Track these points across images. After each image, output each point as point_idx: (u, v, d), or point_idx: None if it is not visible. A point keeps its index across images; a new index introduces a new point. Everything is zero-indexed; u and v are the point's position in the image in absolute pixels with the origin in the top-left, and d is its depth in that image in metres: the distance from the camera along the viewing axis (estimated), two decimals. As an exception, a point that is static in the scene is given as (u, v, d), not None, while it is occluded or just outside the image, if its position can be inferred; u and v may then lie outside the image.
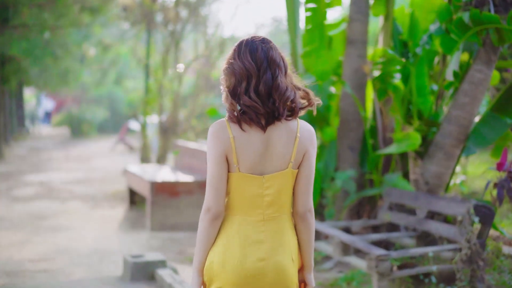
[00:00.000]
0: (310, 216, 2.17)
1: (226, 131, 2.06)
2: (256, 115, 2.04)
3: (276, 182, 2.10)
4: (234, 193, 2.10)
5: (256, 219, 2.10)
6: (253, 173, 2.09)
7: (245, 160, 2.07)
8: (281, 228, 2.12)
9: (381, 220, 5.07)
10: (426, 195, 4.73)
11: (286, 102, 2.07)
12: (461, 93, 5.00)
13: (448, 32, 5.03)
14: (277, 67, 2.07)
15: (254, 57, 2.06)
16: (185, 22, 11.11)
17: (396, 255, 4.05)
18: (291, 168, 2.11)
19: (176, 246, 6.35)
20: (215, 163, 2.07)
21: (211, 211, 2.06)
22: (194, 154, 7.97)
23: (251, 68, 2.04)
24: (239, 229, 2.09)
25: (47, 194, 9.68)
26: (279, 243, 2.10)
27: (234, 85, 2.07)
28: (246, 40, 2.11)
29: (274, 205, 2.11)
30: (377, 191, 5.28)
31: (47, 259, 5.75)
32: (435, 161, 5.10)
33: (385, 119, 5.58)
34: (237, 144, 2.06)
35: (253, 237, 2.09)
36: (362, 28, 5.51)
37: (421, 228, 4.62)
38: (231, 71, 2.08)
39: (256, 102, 2.03)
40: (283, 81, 2.07)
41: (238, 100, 2.06)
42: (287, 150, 2.09)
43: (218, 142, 2.06)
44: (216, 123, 2.10)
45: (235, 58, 2.09)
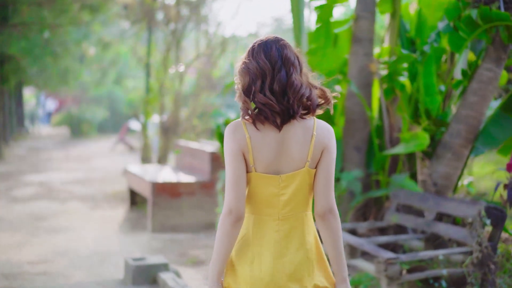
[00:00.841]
0: (332, 217, 2.11)
1: (242, 131, 2.06)
2: (271, 113, 2.02)
3: (293, 182, 2.08)
4: (251, 193, 2.10)
5: (271, 218, 2.10)
6: (269, 172, 2.08)
7: (261, 160, 2.06)
8: (297, 226, 2.10)
9: (388, 222, 4.96)
10: (435, 197, 4.62)
11: (301, 100, 2.05)
12: (470, 92, 4.89)
13: (457, 29, 4.91)
14: (291, 65, 2.06)
15: (268, 56, 2.05)
16: (186, 21, 11.00)
17: (405, 258, 3.93)
18: (307, 167, 2.08)
19: (178, 247, 6.23)
20: (233, 164, 2.05)
21: (233, 213, 2.04)
22: (196, 154, 7.85)
23: (266, 67, 2.04)
24: (254, 228, 2.10)
25: (46, 195, 9.57)
26: (294, 242, 2.09)
27: (249, 84, 2.05)
28: (260, 40, 2.11)
29: (290, 204, 2.10)
30: (384, 192, 5.16)
31: (47, 261, 5.64)
32: (444, 161, 4.98)
33: (391, 119, 5.46)
34: (253, 143, 2.05)
35: (268, 236, 2.08)
36: (368, 26, 5.39)
37: (430, 230, 4.50)
38: (245, 71, 2.06)
39: (271, 100, 2.01)
40: (297, 78, 2.06)
41: (252, 98, 2.04)
42: (304, 149, 2.07)
43: (235, 142, 2.05)
44: (232, 124, 2.09)
45: (250, 58, 2.08)
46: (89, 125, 24.35)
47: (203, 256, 5.86)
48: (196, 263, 5.61)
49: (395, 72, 5.14)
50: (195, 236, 6.83)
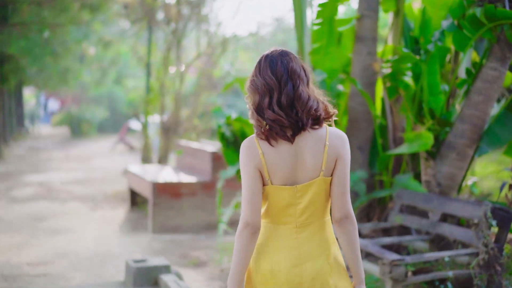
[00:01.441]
0: (349, 222, 2.16)
1: (255, 148, 2.11)
2: (280, 128, 2.07)
3: (309, 191, 2.14)
4: (269, 204, 2.16)
5: (289, 227, 2.15)
6: (285, 184, 2.13)
7: (276, 173, 2.12)
8: (314, 233, 2.16)
9: (392, 222, 4.90)
10: (440, 197, 4.56)
11: (309, 112, 2.10)
12: (475, 91, 4.83)
13: (461, 28, 4.86)
14: (298, 78, 2.11)
15: (274, 71, 2.10)
16: (187, 20, 10.93)
17: (410, 260, 3.87)
18: (322, 176, 2.14)
19: (179, 249, 6.18)
20: (249, 179, 2.12)
21: (250, 226, 2.10)
22: (197, 154, 7.79)
23: (272, 83, 2.09)
24: (272, 237, 2.16)
25: (46, 195, 9.51)
26: (312, 249, 2.14)
27: (258, 101, 2.11)
28: (265, 55, 2.16)
29: (307, 212, 2.15)
30: (388, 193, 5.10)
31: (46, 262, 5.58)
32: (448, 161, 4.93)
33: (395, 118, 5.40)
34: (266, 158, 2.11)
35: (286, 244, 2.14)
36: (372, 24, 5.33)
37: (435, 232, 4.44)
38: (254, 88, 2.12)
39: (280, 115, 2.06)
40: (304, 90, 2.11)
41: (263, 115, 2.09)
42: (317, 159, 2.12)
43: (249, 158, 2.12)
44: (246, 140, 2.15)
45: (257, 75, 2.13)
46: (89, 125, 24.29)
47: (204, 257, 5.80)
48: (197, 265, 5.56)
49: (398, 72, 5.08)
50: (196, 236, 6.77)
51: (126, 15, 12.09)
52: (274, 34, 24.93)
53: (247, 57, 19.35)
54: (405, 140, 5.07)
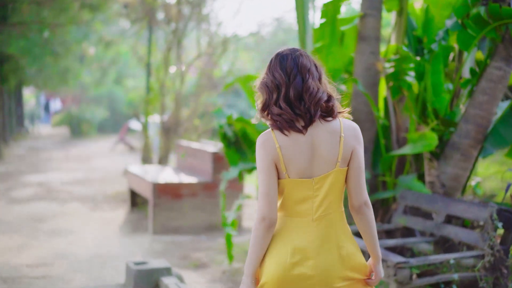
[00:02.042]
0: (366, 209, 2.22)
1: (272, 141, 2.13)
2: (287, 122, 2.10)
3: (326, 183, 2.17)
4: (285, 197, 2.18)
5: (306, 220, 2.18)
6: (302, 177, 2.15)
7: (293, 166, 2.14)
8: (330, 225, 2.19)
9: (396, 224, 4.84)
10: (444, 198, 4.50)
11: (318, 103, 2.12)
12: (479, 91, 4.78)
13: (465, 27, 4.80)
14: (307, 72, 2.14)
15: (284, 67, 2.14)
16: (187, 20, 10.87)
17: (415, 263, 3.81)
18: (339, 167, 2.17)
19: (180, 250, 6.12)
20: (265, 173, 2.13)
21: (266, 219, 2.13)
22: (197, 154, 7.73)
23: (280, 78, 2.13)
24: (288, 230, 2.17)
25: (46, 195, 9.45)
26: (327, 241, 2.17)
27: (266, 98, 2.14)
28: (277, 53, 2.20)
29: (324, 204, 2.18)
30: (391, 194, 5.04)
31: (46, 264, 5.52)
32: (452, 162, 4.87)
33: (398, 119, 5.34)
34: (283, 152, 2.12)
35: (302, 237, 2.16)
36: (375, 23, 5.26)
37: (439, 233, 4.38)
38: (263, 86, 2.16)
39: (284, 110, 2.10)
40: (313, 84, 2.13)
41: (269, 111, 2.13)
42: (333, 150, 2.15)
43: (266, 152, 2.13)
44: (263, 134, 2.16)
45: (267, 72, 2.17)
46: (89, 125, 24.24)
47: (205, 259, 5.74)
48: (198, 266, 5.50)
49: (401, 71, 5.02)
50: (197, 238, 6.71)
51: (126, 15, 12.03)
52: (275, 34, 24.86)
53: (247, 57, 19.30)
54: (408, 141, 5.01)
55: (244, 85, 5.91)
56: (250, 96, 5.93)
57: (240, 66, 16.72)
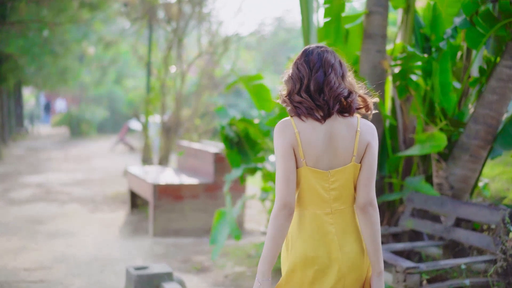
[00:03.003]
0: (372, 210, 2.20)
1: (291, 127, 2.17)
2: (306, 109, 2.16)
3: (341, 176, 2.19)
4: (303, 188, 2.19)
5: (324, 212, 2.19)
6: (319, 168, 2.17)
7: (310, 154, 2.16)
8: (348, 220, 2.21)
9: (403, 227, 4.71)
10: (454, 201, 4.37)
11: (337, 98, 2.17)
12: (489, 91, 4.65)
13: (474, 25, 4.68)
14: (330, 67, 2.19)
15: (307, 60, 2.21)
16: (188, 19, 10.73)
17: (425, 268, 3.68)
18: (354, 162, 2.19)
19: (181, 253, 5.98)
20: (284, 160, 2.14)
21: (288, 206, 2.12)
22: (199, 155, 7.60)
23: (303, 70, 2.20)
24: (310, 223, 2.19)
25: (44, 196, 9.32)
26: (349, 234, 2.19)
27: (290, 88, 2.22)
28: (305, 48, 2.28)
29: (340, 199, 2.20)
30: (398, 196, 4.91)
31: (44, 268, 5.39)
32: (460, 163, 4.74)
33: (405, 119, 5.21)
34: (302, 137, 2.15)
35: (324, 229, 2.17)
36: (381, 21, 5.13)
37: (449, 237, 4.25)
38: (288, 77, 2.24)
39: (305, 99, 2.16)
40: (335, 79, 2.18)
41: (291, 99, 2.20)
42: (349, 144, 2.18)
43: (285, 138, 2.16)
44: (282, 121, 2.20)
45: (292, 66, 2.25)
46: (88, 125, 24.11)
47: (207, 262, 5.61)
48: (200, 270, 5.37)
49: (408, 70, 4.89)
50: (199, 240, 6.58)
51: (126, 14, 11.89)
52: (276, 33, 24.72)
53: (249, 57, 19.16)
54: (416, 141, 4.88)
55: (247, 85, 5.78)
56: (253, 96, 5.80)
57: (241, 65, 16.58)
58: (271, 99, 5.79)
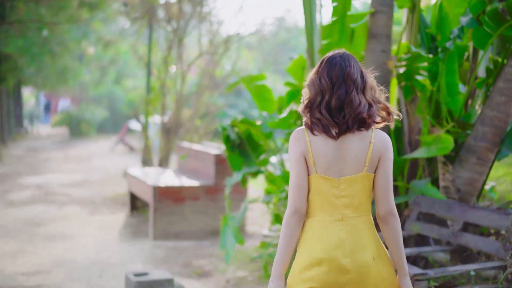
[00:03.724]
0: (393, 219, 2.25)
1: (304, 136, 2.25)
2: (322, 127, 2.21)
3: (352, 185, 2.22)
4: (313, 195, 2.24)
5: (334, 219, 2.22)
6: (329, 175, 2.23)
7: (321, 162, 2.22)
8: (360, 228, 2.22)
9: (409, 231, 4.60)
10: (461, 205, 4.26)
11: (357, 116, 2.20)
12: (496, 92, 4.55)
13: (481, 24, 4.57)
14: (352, 83, 2.22)
15: (330, 74, 2.22)
16: (188, 18, 10.61)
17: (433, 274, 3.58)
18: (365, 171, 2.23)
19: (182, 257, 5.88)
20: (296, 167, 2.23)
21: (299, 212, 2.22)
22: (199, 156, 7.49)
23: (326, 85, 2.21)
24: (320, 229, 2.22)
25: (43, 198, 9.22)
26: (359, 242, 2.21)
27: (312, 99, 2.24)
28: (328, 57, 2.27)
29: (351, 206, 2.23)
30: (404, 199, 4.80)
31: (42, 272, 5.29)
32: (467, 166, 4.63)
33: (411, 120, 5.10)
34: (312, 146, 2.23)
35: (334, 236, 2.20)
36: (386, 21, 5.02)
37: (457, 242, 4.15)
38: (311, 86, 2.26)
39: (324, 117, 2.19)
40: (356, 97, 2.21)
41: (311, 112, 2.23)
42: (362, 154, 2.23)
43: (297, 145, 2.24)
44: (296, 130, 2.29)
45: (316, 74, 2.26)
46: (88, 125, 24.00)
47: (208, 267, 5.50)
48: (201, 275, 5.26)
49: (413, 71, 4.78)
50: (200, 243, 6.47)
51: (126, 13, 11.77)
52: (276, 33, 24.61)
53: (250, 56, 19.05)
54: (422, 144, 4.77)
55: (248, 85, 5.67)
56: (254, 96, 5.69)
57: (242, 65, 16.48)
58: (273, 99, 5.68)
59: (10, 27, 12.13)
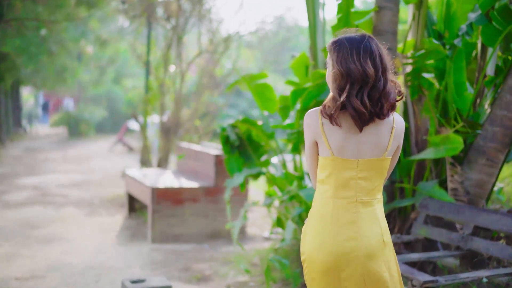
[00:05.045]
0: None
1: (317, 118, 2.22)
2: (359, 117, 2.14)
3: (370, 167, 2.23)
4: (329, 177, 2.23)
5: (348, 201, 2.23)
6: (347, 156, 2.21)
7: (338, 145, 2.20)
8: (372, 211, 2.24)
9: (416, 235, 4.43)
10: (471, 208, 4.10)
11: (392, 106, 2.20)
12: (506, 90, 4.40)
13: (491, 20, 4.42)
14: (387, 73, 2.19)
15: (373, 64, 2.15)
16: (188, 16, 10.44)
17: (444, 281, 3.42)
18: (385, 156, 2.25)
19: (181, 261, 5.71)
20: (308, 148, 2.29)
21: (313, 184, 2.35)
22: (199, 157, 7.33)
23: (371, 74, 2.13)
24: (332, 210, 2.23)
25: (40, 199, 9.05)
26: (370, 225, 2.22)
27: (347, 87, 2.14)
28: (363, 43, 2.16)
29: (366, 189, 2.24)
30: (410, 202, 4.64)
31: (37, 276, 5.13)
32: (477, 167, 4.48)
33: (418, 120, 4.94)
34: (326, 129, 2.19)
35: (346, 218, 2.22)
36: (391, 17, 4.86)
37: (467, 247, 3.99)
38: (346, 72, 2.14)
39: (364, 106, 2.13)
40: (390, 85, 2.19)
41: (347, 99, 2.13)
42: (384, 139, 2.22)
43: (310, 128, 2.24)
44: (309, 112, 2.25)
45: (354, 60, 2.14)
46: (87, 125, 23.83)
47: (208, 271, 5.33)
48: (201, 280, 5.09)
49: (422, 68, 4.62)
50: (199, 246, 6.31)
51: (124, 12, 11.60)
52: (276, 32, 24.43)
53: (250, 55, 18.87)
54: (430, 144, 4.60)
55: (249, 84, 5.50)
56: (255, 96, 5.52)
57: (242, 64, 16.30)
58: (275, 99, 5.52)
59: (7, 26, 11.97)
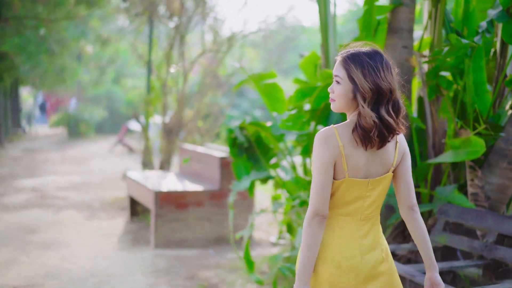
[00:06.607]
0: (417, 211, 2.28)
1: (335, 140, 2.16)
2: (388, 133, 2.14)
3: (379, 185, 2.23)
4: (339, 196, 2.21)
5: (354, 219, 2.23)
6: (359, 177, 2.19)
7: (353, 167, 2.17)
8: (373, 226, 2.26)
9: (435, 243, 4.20)
10: (495, 215, 3.87)
11: (404, 122, 2.21)
12: (529, 91, 4.18)
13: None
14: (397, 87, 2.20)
15: (394, 80, 2.16)
16: (191, 14, 10.21)
17: (470, 295, 3.19)
18: (390, 172, 2.24)
19: (185, 268, 5.48)
20: (323, 170, 2.15)
21: (320, 214, 2.16)
22: (203, 159, 7.10)
23: (393, 89, 2.15)
24: (338, 228, 2.22)
25: (39, 202, 8.82)
26: (372, 240, 2.24)
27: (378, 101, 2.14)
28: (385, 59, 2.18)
29: (372, 206, 2.24)
30: (428, 208, 4.41)
31: (35, 285, 4.90)
32: (498, 171, 4.26)
33: (435, 122, 4.71)
34: (346, 151, 2.16)
35: (352, 235, 2.22)
36: (408, 14, 4.65)
37: (490, 256, 3.76)
38: (376, 87, 2.13)
39: (390, 117, 2.13)
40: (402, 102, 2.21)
41: (378, 112, 2.13)
42: (390, 155, 2.23)
43: (328, 150, 2.15)
44: (324, 131, 2.17)
45: (381, 76, 2.13)
46: (87, 125, 23.58)
47: (215, 279, 5.11)
48: (207, 288, 4.87)
49: (441, 67, 4.40)
50: (204, 252, 6.08)
51: (125, 10, 11.36)
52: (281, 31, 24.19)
53: (254, 55, 18.65)
54: (448, 147, 4.38)
55: (257, 84, 5.27)
56: (264, 96, 5.30)
57: (246, 64, 16.06)
58: (284, 99, 5.29)
59: (5, 25, 11.75)
